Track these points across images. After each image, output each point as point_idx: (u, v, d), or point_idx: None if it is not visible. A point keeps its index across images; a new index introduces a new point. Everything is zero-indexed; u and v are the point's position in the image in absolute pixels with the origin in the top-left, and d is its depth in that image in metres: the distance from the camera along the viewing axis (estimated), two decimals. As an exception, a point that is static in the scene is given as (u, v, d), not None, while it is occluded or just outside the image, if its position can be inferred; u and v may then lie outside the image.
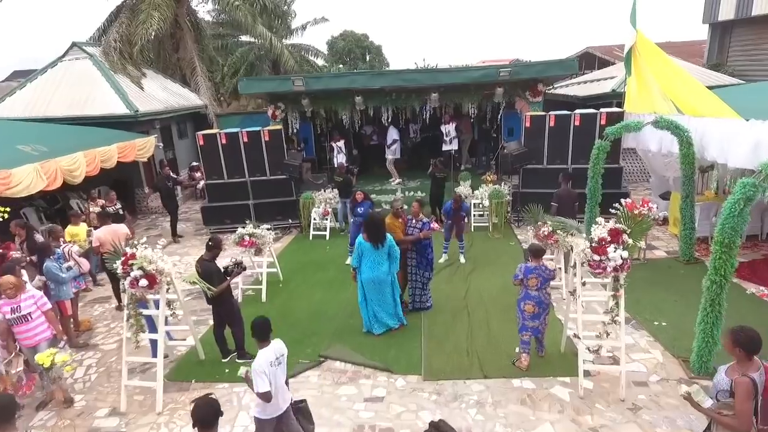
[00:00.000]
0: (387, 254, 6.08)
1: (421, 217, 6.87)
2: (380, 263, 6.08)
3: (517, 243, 9.64)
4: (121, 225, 8.13)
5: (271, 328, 4.17)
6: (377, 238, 5.98)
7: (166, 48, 17.24)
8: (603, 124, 9.78)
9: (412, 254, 6.77)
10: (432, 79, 11.01)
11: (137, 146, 11.54)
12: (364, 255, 6.12)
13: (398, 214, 6.79)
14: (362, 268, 6.17)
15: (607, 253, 4.62)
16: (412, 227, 6.77)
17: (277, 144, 10.93)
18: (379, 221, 6.10)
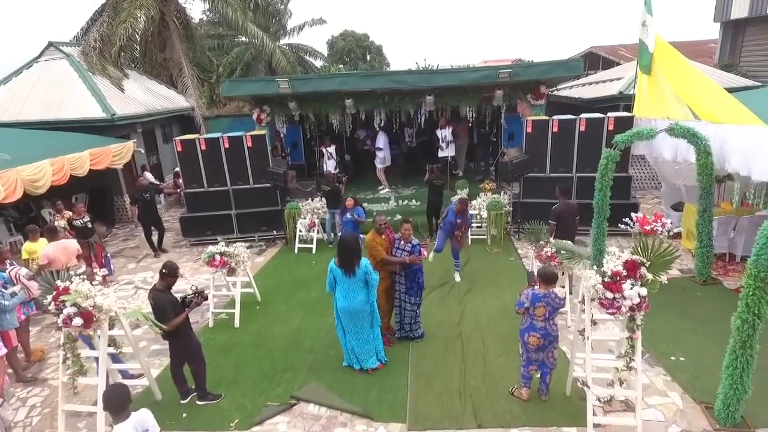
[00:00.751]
0: (363, 281, 5.33)
1: (411, 239, 6.11)
2: (355, 291, 5.33)
3: (518, 258, 8.90)
4: (72, 241, 7.47)
5: (131, 398, 3.41)
6: (349, 266, 5.23)
7: (151, 47, 16.53)
8: (611, 129, 9.05)
9: (400, 278, 6.04)
10: (426, 80, 10.29)
11: (113, 152, 10.83)
12: (337, 281, 5.39)
13: (381, 230, 6.05)
14: (336, 295, 5.44)
15: (622, 291, 3.88)
16: (400, 249, 6.01)
17: (260, 150, 10.23)
18: (352, 245, 5.28)
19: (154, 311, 4.89)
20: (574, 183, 9.46)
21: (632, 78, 12.59)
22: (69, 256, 7.26)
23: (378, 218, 6.12)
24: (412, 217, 10.82)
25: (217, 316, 7.18)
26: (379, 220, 6.09)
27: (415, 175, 13.24)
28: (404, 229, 6.05)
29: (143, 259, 10.07)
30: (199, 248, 10.48)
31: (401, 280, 6.05)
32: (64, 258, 7.14)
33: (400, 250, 5.99)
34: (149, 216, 9.90)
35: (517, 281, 7.90)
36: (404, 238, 6.03)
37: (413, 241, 6.09)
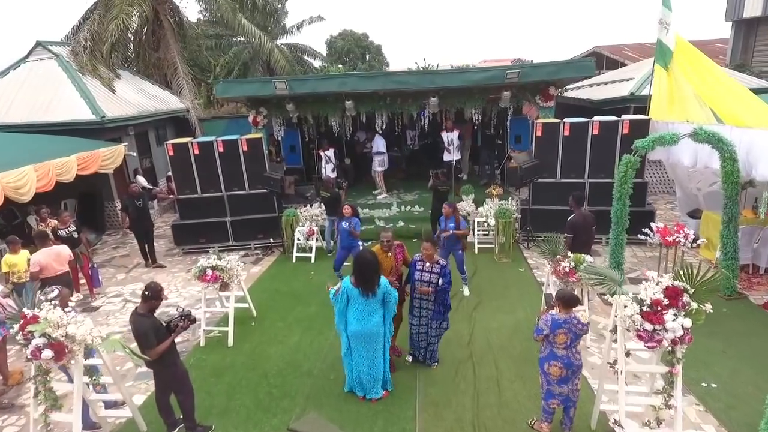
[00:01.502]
0: (380, 302, 4.83)
1: (437, 259, 5.27)
2: (371, 313, 4.82)
3: (528, 269, 8.44)
4: (64, 247, 7.07)
5: None
6: (369, 285, 4.72)
7: (144, 46, 16.05)
8: (625, 133, 8.60)
9: (428, 303, 5.36)
10: (430, 81, 9.82)
11: (102, 156, 10.34)
12: (351, 301, 4.87)
13: (389, 247, 5.56)
14: (349, 317, 4.91)
15: (663, 322, 3.42)
16: (426, 272, 5.24)
17: (256, 154, 9.74)
18: (371, 262, 4.76)
19: (135, 338, 4.41)
20: (586, 189, 9.02)
21: (643, 78, 12.19)
22: (62, 263, 6.88)
23: (383, 234, 5.58)
24: (416, 223, 10.49)
25: (209, 334, 6.70)
26: (384, 236, 5.55)
27: (417, 179, 12.77)
28: (424, 248, 5.26)
29: (133, 269, 9.59)
30: (193, 257, 10.02)
31: (428, 305, 5.38)
32: (56, 265, 6.79)
33: (427, 273, 5.23)
34: (141, 225, 9.36)
35: (529, 294, 7.46)
36: (428, 260, 5.26)
37: (440, 261, 5.28)
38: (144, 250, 9.54)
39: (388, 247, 5.52)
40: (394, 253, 5.58)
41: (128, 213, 9.24)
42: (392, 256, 5.56)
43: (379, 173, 11.78)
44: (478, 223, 9.31)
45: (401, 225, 10.48)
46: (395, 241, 5.63)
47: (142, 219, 9.37)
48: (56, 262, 6.78)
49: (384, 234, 5.60)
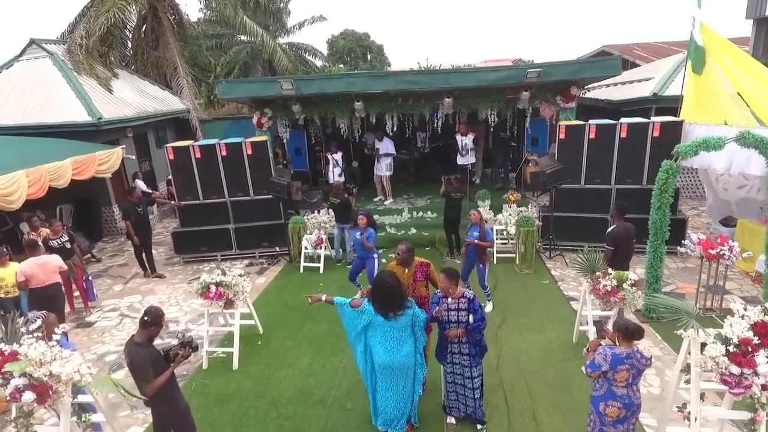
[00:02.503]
0: (409, 327, 4.25)
1: (462, 292, 4.33)
2: (401, 341, 4.21)
3: (552, 281, 7.90)
4: (54, 257, 6.60)
5: None
6: (393, 307, 4.15)
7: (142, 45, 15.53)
8: (656, 136, 8.07)
9: (460, 347, 4.41)
10: (445, 81, 9.28)
11: (98, 160, 9.81)
12: (375, 328, 4.28)
13: (406, 262, 4.98)
14: (374, 346, 4.29)
15: (754, 365, 2.88)
16: (448, 311, 4.30)
17: (261, 158, 9.21)
18: (392, 285, 4.17)
19: (131, 371, 3.88)
20: (612, 195, 8.49)
21: (666, 78, 11.67)
22: (48, 274, 6.41)
23: (400, 247, 4.98)
24: (429, 230, 9.95)
25: (212, 354, 6.16)
26: (401, 249, 4.92)
27: (428, 183, 12.25)
28: (441, 279, 4.33)
29: (132, 280, 9.05)
30: (194, 266, 9.51)
31: (462, 349, 4.40)
32: (42, 275, 6.33)
33: (453, 312, 4.28)
34: (140, 233, 8.80)
35: (556, 309, 6.93)
36: (450, 294, 4.29)
37: (467, 294, 4.30)
38: (142, 259, 9.00)
39: (403, 261, 4.94)
40: (412, 270, 4.98)
41: (129, 220, 8.67)
42: (410, 273, 4.97)
43: (386, 178, 11.20)
44: (497, 231, 8.77)
45: (413, 232, 9.95)
46: (421, 259, 5.06)
47: (142, 226, 8.82)
48: (42, 273, 6.33)
49: (400, 246, 4.97)
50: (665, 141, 7.99)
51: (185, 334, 4.26)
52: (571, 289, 7.60)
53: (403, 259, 4.88)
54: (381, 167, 11.06)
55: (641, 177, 8.31)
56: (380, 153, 10.91)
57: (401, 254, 4.86)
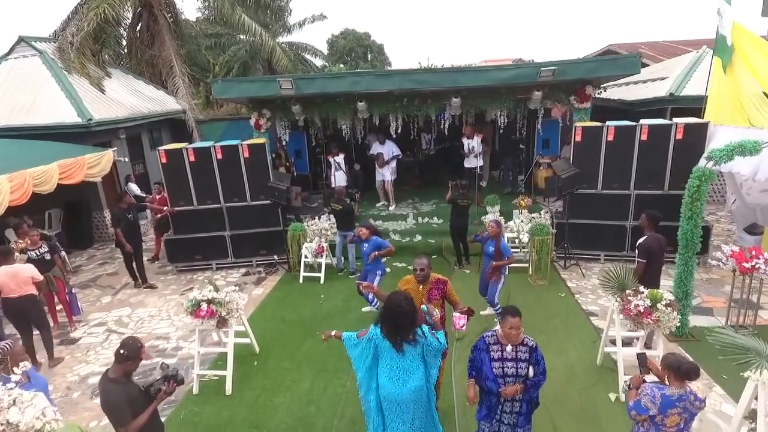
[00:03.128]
0: (420, 357, 3.73)
1: (522, 338, 3.54)
2: (409, 372, 3.68)
3: (569, 294, 7.40)
4: (27, 266, 6.12)
5: None
6: (402, 334, 3.63)
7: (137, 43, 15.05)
8: (679, 138, 7.57)
9: (512, 404, 3.64)
10: (452, 80, 8.78)
11: (87, 163, 9.29)
12: (381, 356, 3.78)
13: (424, 278, 4.48)
14: (380, 377, 3.78)
15: None
16: (504, 361, 3.52)
17: (259, 161, 8.72)
18: (408, 312, 3.59)
19: (105, 412, 3.40)
20: (631, 201, 8.00)
21: (682, 77, 11.18)
22: (20, 284, 5.92)
23: (418, 261, 4.45)
24: (435, 237, 9.44)
25: (203, 377, 5.66)
26: (419, 263, 4.42)
27: (434, 187, 11.77)
28: (508, 325, 3.48)
29: (121, 290, 8.55)
30: (188, 275, 9.01)
31: (513, 407, 3.61)
32: (13, 285, 5.87)
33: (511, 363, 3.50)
34: (131, 241, 8.29)
35: (576, 326, 6.42)
36: (509, 341, 3.52)
37: (528, 341, 3.55)
38: (132, 268, 8.51)
39: (423, 278, 4.45)
40: (427, 287, 4.50)
41: (121, 227, 8.17)
42: (424, 290, 4.49)
43: (389, 182, 10.64)
44: (508, 239, 8.26)
45: (419, 239, 9.46)
46: (437, 275, 4.56)
47: (132, 234, 8.32)
48: (13, 283, 5.87)
49: (418, 261, 4.45)
50: (689, 144, 7.52)
51: (169, 365, 3.74)
52: (590, 302, 7.10)
53: (424, 276, 4.39)
54: (384, 172, 10.50)
55: (663, 182, 7.82)
56: (384, 157, 10.37)
57: (420, 271, 4.36)
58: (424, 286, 4.44)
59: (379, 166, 10.26)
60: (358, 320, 6.89)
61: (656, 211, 5.58)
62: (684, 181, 7.63)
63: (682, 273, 5.84)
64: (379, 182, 10.62)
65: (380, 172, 10.40)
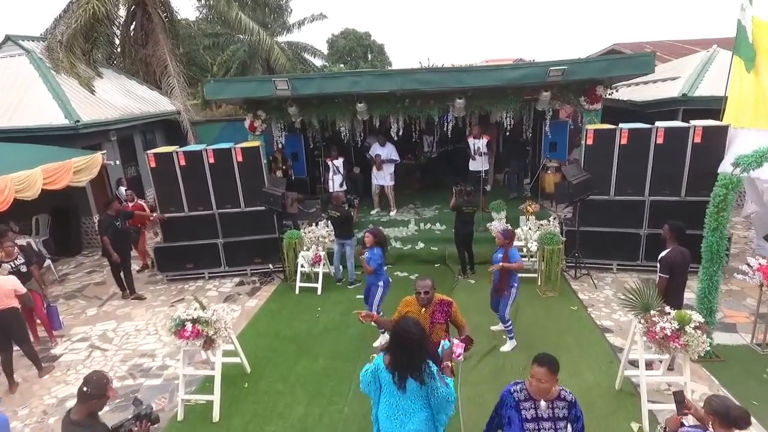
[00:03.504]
0: (425, 397, 3.25)
1: (558, 391, 3.06)
2: (409, 414, 3.24)
3: (581, 307, 6.96)
4: (8, 278, 5.79)
5: None
6: (406, 372, 3.18)
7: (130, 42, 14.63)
8: (697, 142, 7.13)
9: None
10: (457, 80, 8.35)
11: (74, 167, 8.88)
12: (383, 388, 3.35)
13: (427, 301, 4.04)
14: (379, 412, 3.37)
15: None
16: (539, 422, 3.02)
17: (253, 165, 8.31)
18: (418, 341, 3.16)
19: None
20: (646, 208, 7.58)
21: (694, 77, 10.75)
22: (1, 297, 5.54)
23: (420, 282, 4.02)
24: (438, 245, 9.00)
25: (188, 402, 5.23)
26: (422, 285, 3.98)
27: (436, 191, 11.35)
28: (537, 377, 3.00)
29: (108, 302, 8.13)
30: (179, 285, 8.60)
31: None
32: None
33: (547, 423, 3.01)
34: (119, 250, 7.87)
35: (590, 345, 5.99)
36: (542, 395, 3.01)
37: (565, 395, 3.07)
38: (120, 278, 8.09)
39: (427, 301, 4.02)
40: (430, 310, 4.05)
41: (108, 236, 7.75)
42: (427, 313, 4.04)
43: (389, 187, 10.15)
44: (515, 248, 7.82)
45: (421, 247, 9.04)
46: (441, 296, 4.13)
47: (120, 242, 7.89)
48: None
49: (422, 283, 4.00)
50: (707, 148, 7.11)
51: (142, 401, 3.31)
52: (604, 317, 6.67)
53: (428, 299, 3.95)
54: (383, 176, 10.00)
55: (679, 188, 7.40)
56: (381, 159, 9.92)
57: (425, 294, 3.93)
58: (426, 308, 4.02)
59: (377, 168, 9.81)
60: (357, 336, 6.47)
61: (680, 222, 5.13)
62: (702, 187, 7.28)
63: (706, 288, 5.42)
64: (376, 187, 10.14)
65: (378, 176, 9.94)
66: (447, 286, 7.88)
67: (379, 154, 9.75)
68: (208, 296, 8.06)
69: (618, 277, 7.90)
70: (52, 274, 9.09)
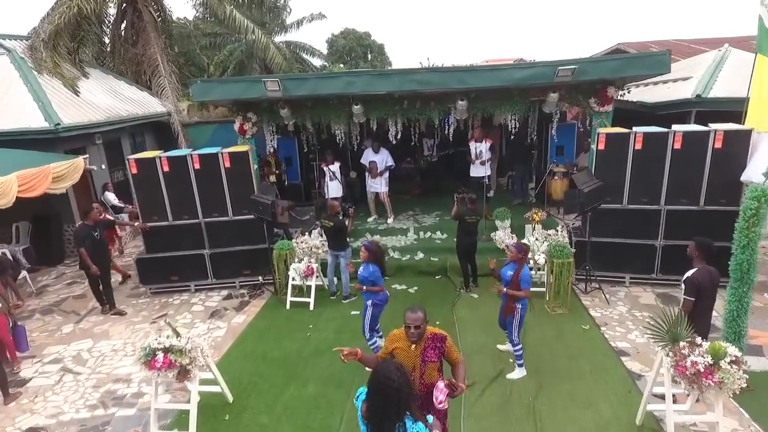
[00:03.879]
0: None
1: None
2: None
3: (593, 326, 6.44)
4: None
5: None
6: (385, 421, 2.72)
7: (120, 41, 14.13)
8: (718, 147, 6.62)
9: None
10: (459, 81, 7.83)
11: (53, 173, 8.37)
12: None
13: (418, 336, 3.40)
14: None
15: None
16: None
17: (242, 172, 7.81)
18: (397, 390, 2.69)
19: None
20: (662, 217, 7.07)
21: (706, 77, 10.24)
22: None
23: (410, 315, 3.37)
24: (439, 255, 8.48)
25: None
26: (412, 318, 3.35)
27: (436, 196, 10.86)
28: None
29: (86, 317, 7.63)
30: (162, 298, 8.10)
31: None
32: None
33: None
34: (99, 261, 7.36)
35: (606, 371, 5.47)
36: None
37: None
38: (99, 292, 7.59)
39: (418, 336, 3.43)
40: (421, 346, 3.45)
41: (86, 247, 7.23)
42: (417, 350, 3.44)
43: (385, 194, 9.57)
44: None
45: (420, 257, 8.54)
46: (434, 329, 3.56)
47: (99, 254, 7.38)
48: None
49: (412, 315, 3.35)
50: (729, 154, 6.63)
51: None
52: (619, 337, 6.16)
53: (419, 335, 3.41)
54: (378, 182, 9.44)
55: (698, 197, 6.89)
56: (377, 167, 9.38)
57: (415, 329, 3.36)
58: (417, 345, 3.46)
59: (372, 177, 9.30)
60: (350, 358, 5.95)
61: (708, 240, 4.60)
62: (722, 196, 6.78)
63: (735, 311, 4.91)
64: (372, 194, 9.62)
65: (372, 183, 9.43)
66: (448, 300, 7.39)
67: (374, 161, 9.23)
68: (194, 311, 7.57)
69: (631, 291, 7.39)
70: (28, 286, 8.57)
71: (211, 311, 7.55)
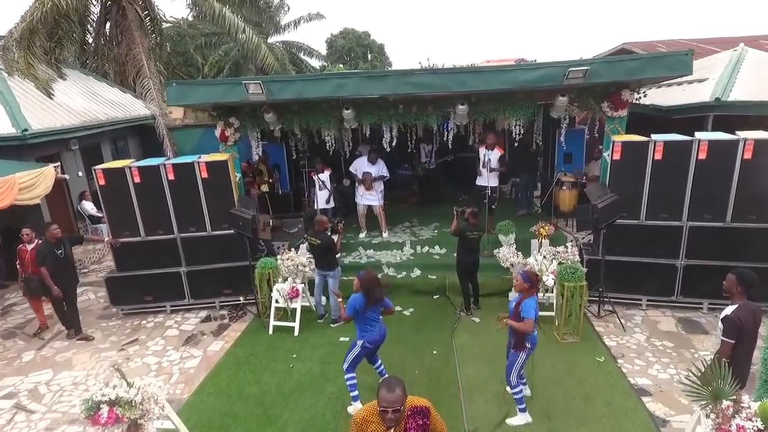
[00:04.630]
0: None
1: None
2: None
3: (609, 358, 5.76)
4: None
5: None
6: None
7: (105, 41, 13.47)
8: (747, 158, 5.94)
9: None
10: (460, 83, 7.12)
11: (19, 183, 7.70)
12: None
13: (394, 420, 2.64)
14: None
15: None
16: None
17: (221, 182, 7.14)
18: None
19: None
20: (683, 236, 6.39)
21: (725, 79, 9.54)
22: None
23: (386, 395, 2.61)
24: (437, 272, 7.81)
25: (112, 502, 4.04)
26: (387, 399, 2.60)
27: (435, 206, 10.18)
28: None
29: (50, 342, 6.96)
30: (135, 320, 7.43)
31: None
32: None
33: None
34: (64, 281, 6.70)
35: (624, 412, 4.79)
36: None
37: None
38: (63, 315, 6.93)
39: (395, 422, 2.66)
40: (401, 427, 2.72)
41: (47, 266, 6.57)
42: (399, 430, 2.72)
43: (381, 207, 8.86)
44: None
45: (417, 275, 7.87)
46: (416, 401, 2.81)
47: (62, 273, 6.70)
48: None
49: (388, 395, 2.62)
50: (760, 165, 5.97)
51: None
52: (638, 372, 5.47)
53: (396, 419, 2.67)
54: (374, 195, 8.72)
55: (724, 212, 6.22)
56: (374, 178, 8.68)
57: (393, 413, 2.61)
58: (396, 429, 2.75)
59: (366, 188, 8.62)
60: (336, 394, 5.32)
61: (751, 272, 3.91)
62: (752, 211, 6.12)
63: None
64: (363, 207, 8.90)
65: (366, 196, 8.73)
66: (447, 324, 6.72)
67: (369, 172, 8.55)
68: (167, 336, 6.90)
69: (648, 315, 6.71)
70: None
71: (187, 336, 6.87)
